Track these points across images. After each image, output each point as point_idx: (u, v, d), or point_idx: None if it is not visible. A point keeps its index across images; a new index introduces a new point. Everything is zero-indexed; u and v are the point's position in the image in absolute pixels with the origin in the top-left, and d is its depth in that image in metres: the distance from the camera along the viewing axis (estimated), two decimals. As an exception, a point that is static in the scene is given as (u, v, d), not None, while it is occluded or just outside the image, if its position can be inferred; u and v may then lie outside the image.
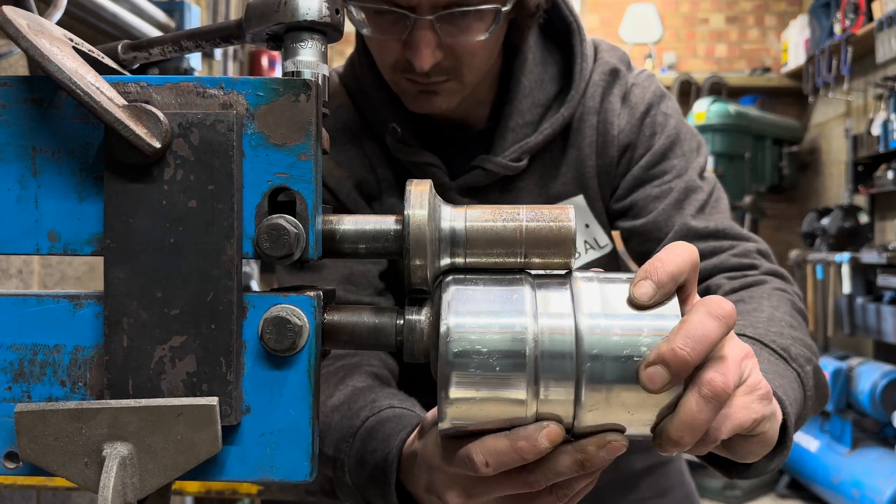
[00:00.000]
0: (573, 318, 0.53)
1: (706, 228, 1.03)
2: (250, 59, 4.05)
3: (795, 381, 0.77)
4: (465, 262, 0.57)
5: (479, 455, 0.55)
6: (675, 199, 1.04)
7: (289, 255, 0.51)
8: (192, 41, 0.62)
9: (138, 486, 0.49)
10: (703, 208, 1.05)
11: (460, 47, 0.95)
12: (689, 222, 1.03)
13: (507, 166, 1.05)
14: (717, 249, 1.02)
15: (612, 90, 1.09)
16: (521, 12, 1.00)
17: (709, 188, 1.07)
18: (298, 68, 0.54)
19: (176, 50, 0.63)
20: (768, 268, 1.01)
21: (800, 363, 0.79)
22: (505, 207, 0.58)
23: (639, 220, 1.06)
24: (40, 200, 0.52)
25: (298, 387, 0.52)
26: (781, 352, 0.79)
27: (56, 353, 0.52)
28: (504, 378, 0.52)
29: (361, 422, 0.83)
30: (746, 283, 0.97)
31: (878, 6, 4.08)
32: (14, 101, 0.51)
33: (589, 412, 0.53)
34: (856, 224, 4.40)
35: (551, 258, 0.57)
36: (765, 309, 0.88)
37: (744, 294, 0.94)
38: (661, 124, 1.08)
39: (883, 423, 3.71)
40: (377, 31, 0.95)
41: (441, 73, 0.97)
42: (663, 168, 1.07)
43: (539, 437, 0.53)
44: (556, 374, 0.52)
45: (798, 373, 0.79)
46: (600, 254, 1.14)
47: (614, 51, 1.13)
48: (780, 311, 0.89)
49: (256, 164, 0.51)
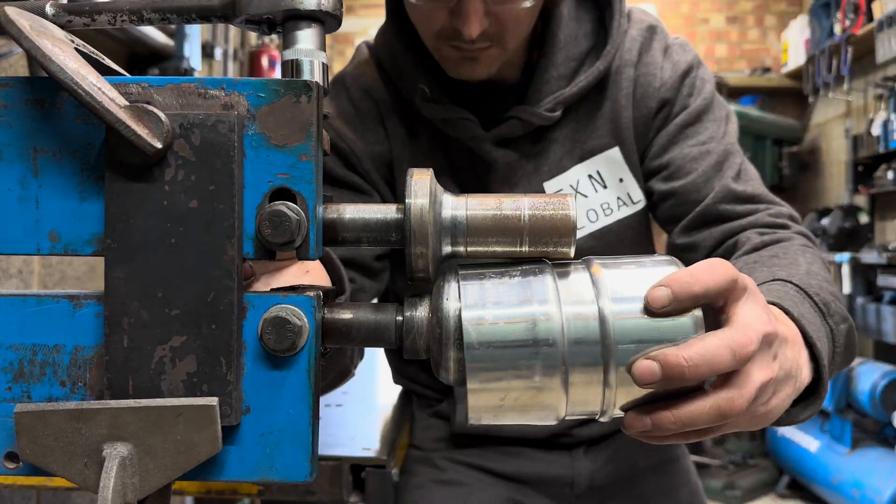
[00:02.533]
0: (596, 304, 0.54)
1: (745, 192, 1.05)
2: (250, 59, 4.05)
3: (827, 337, 0.78)
4: (466, 250, 0.58)
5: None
6: (716, 161, 1.06)
7: (290, 242, 0.51)
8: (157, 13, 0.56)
9: (138, 487, 0.49)
10: (740, 174, 1.07)
11: (506, 14, 0.97)
12: (730, 184, 1.04)
13: (542, 116, 1.07)
14: (755, 211, 1.04)
15: (651, 44, 1.12)
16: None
17: (741, 156, 1.09)
18: (297, 57, 0.55)
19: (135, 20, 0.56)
20: (798, 228, 1.02)
21: (836, 321, 0.80)
22: (506, 196, 0.58)
23: (677, 182, 1.07)
24: (41, 201, 0.52)
25: (298, 387, 0.52)
26: (822, 306, 0.80)
27: (56, 353, 0.52)
28: (531, 367, 0.53)
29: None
30: (776, 239, 0.98)
31: (878, 6, 4.07)
32: (15, 102, 0.51)
33: (618, 395, 0.54)
34: (856, 224, 4.40)
35: (552, 247, 0.57)
36: (801, 263, 0.89)
37: (777, 249, 0.95)
38: (698, 87, 1.11)
39: (883, 423, 3.70)
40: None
41: (485, 40, 0.99)
42: (699, 129, 1.09)
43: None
44: (584, 359, 0.53)
45: (832, 329, 0.79)
46: (633, 210, 1.15)
47: (648, 15, 1.16)
48: (816, 267, 0.90)
49: (257, 164, 0.52)
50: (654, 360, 0.51)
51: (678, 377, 0.52)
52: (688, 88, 1.10)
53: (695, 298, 0.54)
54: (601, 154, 1.12)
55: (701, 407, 0.55)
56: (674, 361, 0.51)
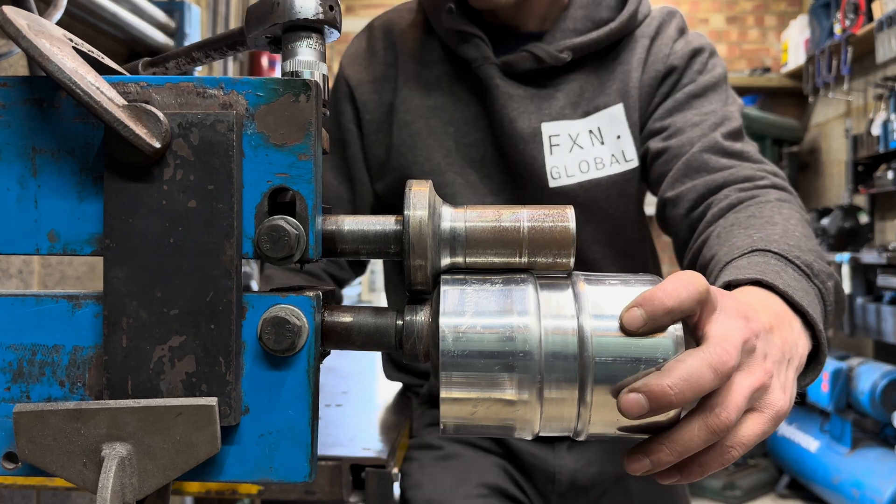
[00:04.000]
0: (577, 320, 0.53)
1: (731, 147, 1.07)
2: (250, 59, 4.05)
3: (817, 297, 0.78)
4: (466, 262, 0.58)
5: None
6: (713, 122, 1.10)
7: (289, 257, 0.51)
8: (202, 52, 0.65)
9: (137, 487, 0.49)
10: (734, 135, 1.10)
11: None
12: (718, 138, 1.08)
13: (552, 55, 1.14)
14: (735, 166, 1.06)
15: (670, 22, 1.19)
16: None
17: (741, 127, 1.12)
18: (297, 68, 0.54)
19: (189, 62, 0.65)
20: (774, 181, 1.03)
21: (822, 279, 0.80)
22: (505, 207, 0.58)
23: (672, 140, 1.11)
24: (40, 200, 0.52)
25: (298, 387, 0.52)
26: (805, 268, 0.79)
27: (55, 353, 0.52)
28: (507, 378, 0.52)
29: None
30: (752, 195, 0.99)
31: (878, 6, 4.07)
32: (14, 102, 0.51)
33: (594, 413, 0.53)
34: (856, 224, 4.39)
35: (551, 258, 0.57)
36: (777, 222, 0.89)
37: (754, 209, 0.95)
38: (710, 68, 1.17)
39: (883, 423, 3.70)
40: None
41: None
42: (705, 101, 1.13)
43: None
44: (560, 374, 0.52)
45: (820, 289, 0.79)
46: (623, 168, 1.19)
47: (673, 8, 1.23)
48: (793, 223, 0.90)
49: (256, 164, 0.51)
50: (638, 393, 0.51)
51: (666, 405, 0.51)
52: (699, 64, 1.16)
53: (669, 313, 0.53)
54: (605, 110, 1.17)
55: (691, 430, 0.54)
56: (658, 391, 0.51)
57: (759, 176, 1.03)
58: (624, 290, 0.55)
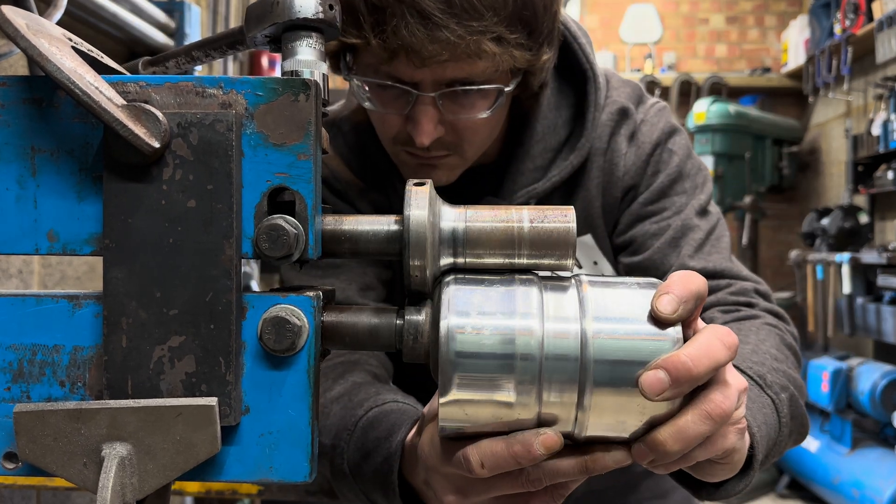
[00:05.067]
0: (579, 323, 0.53)
1: (704, 269, 1.02)
2: (250, 58, 4.04)
3: (769, 407, 0.78)
4: (466, 262, 0.57)
5: (476, 457, 0.55)
6: (672, 237, 1.03)
7: (288, 256, 0.51)
8: (201, 51, 0.64)
9: (137, 487, 0.49)
10: (700, 247, 1.04)
11: (462, 124, 0.94)
12: (686, 262, 1.02)
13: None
14: (714, 288, 1.02)
15: (619, 130, 1.08)
16: (524, 91, 1.00)
17: (708, 226, 1.06)
18: (297, 68, 0.54)
19: (188, 61, 0.65)
20: (765, 306, 1.00)
21: (774, 390, 0.80)
22: (505, 208, 0.57)
23: (637, 257, 1.06)
24: (39, 200, 0.51)
25: (298, 387, 0.52)
26: (757, 378, 0.80)
27: (55, 353, 0.52)
28: (506, 380, 0.52)
29: (364, 412, 0.83)
30: (739, 318, 0.97)
31: (878, 6, 4.07)
32: (13, 101, 0.51)
33: (592, 417, 0.53)
34: (856, 224, 4.39)
35: (551, 259, 0.56)
36: (750, 341, 0.89)
37: (733, 326, 0.94)
38: (665, 162, 1.08)
39: (883, 423, 3.70)
40: (379, 104, 0.95)
41: (442, 148, 0.96)
42: (662, 205, 1.06)
43: (535, 444, 0.53)
44: (560, 377, 0.52)
45: (773, 399, 0.79)
46: None
47: (625, 86, 1.12)
48: (766, 345, 0.89)
49: (255, 163, 0.51)
50: (658, 369, 0.51)
51: (686, 377, 0.51)
52: (652, 167, 1.08)
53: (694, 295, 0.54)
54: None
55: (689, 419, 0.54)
56: (677, 361, 0.51)
57: (744, 301, 1.00)
58: (627, 293, 0.55)
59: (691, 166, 1.09)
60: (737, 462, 0.65)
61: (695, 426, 0.54)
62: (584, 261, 1.12)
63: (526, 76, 0.96)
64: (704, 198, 1.08)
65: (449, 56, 0.84)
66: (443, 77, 0.89)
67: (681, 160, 1.08)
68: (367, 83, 0.94)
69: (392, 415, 0.81)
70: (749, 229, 4.80)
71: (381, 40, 0.84)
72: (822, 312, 4.34)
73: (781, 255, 5.23)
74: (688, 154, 1.10)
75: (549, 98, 1.08)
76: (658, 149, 1.08)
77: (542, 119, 1.07)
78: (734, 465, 0.65)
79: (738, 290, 1.01)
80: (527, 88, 0.99)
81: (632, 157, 1.08)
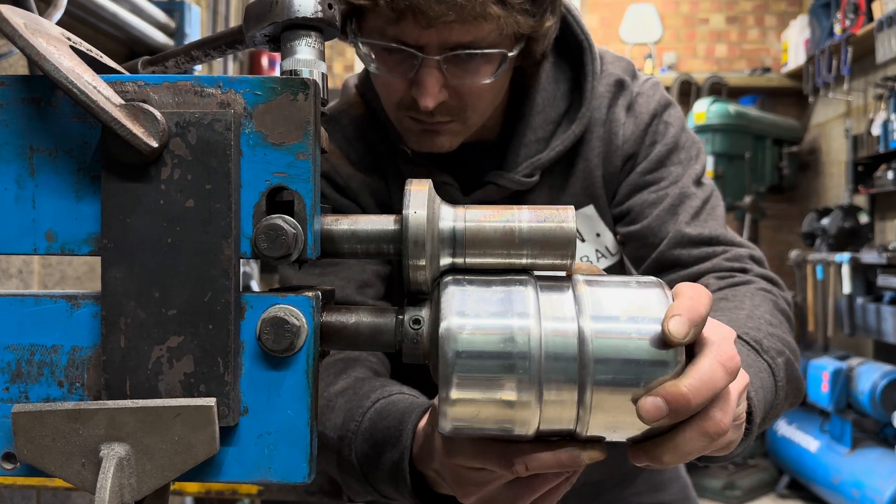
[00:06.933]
0: (577, 322, 0.53)
1: (700, 235, 1.04)
2: (250, 58, 4.04)
3: (766, 371, 0.80)
4: (465, 262, 0.57)
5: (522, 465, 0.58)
6: (670, 204, 1.06)
7: (287, 256, 0.51)
8: (201, 50, 0.64)
9: (135, 487, 0.49)
10: (697, 215, 1.06)
11: (465, 89, 0.95)
12: (683, 229, 1.04)
13: (519, 182, 1.06)
14: (711, 255, 1.04)
15: (617, 101, 1.10)
16: (527, 58, 1.01)
17: (704, 195, 1.08)
18: (296, 67, 0.54)
19: (188, 60, 0.65)
20: (759, 272, 1.02)
21: (771, 355, 0.82)
22: (505, 207, 0.57)
23: (635, 226, 1.07)
24: (38, 200, 0.51)
25: (297, 387, 0.52)
26: (753, 343, 0.82)
27: (54, 353, 0.52)
28: (507, 379, 0.52)
29: (372, 403, 0.84)
30: (734, 283, 0.98)
31: (878, 6, 4.07)
32: (11, 101, 0.51)
33: (593, 416, 0.53)
34: (856, 224, 4.39)
35: (551, 259, 0.56)
36: (745, 307, 0.90)
37: (728, 292, 0.95)
38: (661, 133, 1.10)
39: (883, 423, 3.70)
40: (384, 68, 0.96)
41: (445, 114, 0.97)
42: (659, 175, 1.08)
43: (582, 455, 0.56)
44: (560, 376, 0.52)
45: (769, 363, 0.81)
46: (612, 261, 1.16)
47: (619, 61, 1.14)
48: (761, 310, 0.90)
49: (254, 163, 0.51)
50: (657, 397, 0.51)
51: (685, 408, 0.51)
52: (650, 137, 1.10)
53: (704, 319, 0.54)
54: (577, 212, 1.11)
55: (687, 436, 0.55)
56: (677, 393, 0.51)
57: (738, 267, 1.02)
58: (623, 292, 0.55)
59: (686, 138, 1.12)
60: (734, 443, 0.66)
61: (692, 443, 0.55)
62: (587, 232, 1.13)
63: (529, 43, 0.98)
64: (700, 168, 1.11)
65: (455, 17, 0.86)
66: (448, 40, 0.90)
67: (677, 132, 1.11)
68: (371, 45, 0.95)
69: (401, 404, 0.82)
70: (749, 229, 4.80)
71: (388, 1, 0.85)
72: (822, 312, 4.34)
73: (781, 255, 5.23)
74: (682, 127, 1.12)
75: (547, 72, 1.10)
76: (655, 120, 1.10)
77: (541, 91, 1.09)
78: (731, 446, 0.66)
79: (733, 256, 1.03)
80: (529, 56, 1.01)
81: (630, 127, 1.10)
